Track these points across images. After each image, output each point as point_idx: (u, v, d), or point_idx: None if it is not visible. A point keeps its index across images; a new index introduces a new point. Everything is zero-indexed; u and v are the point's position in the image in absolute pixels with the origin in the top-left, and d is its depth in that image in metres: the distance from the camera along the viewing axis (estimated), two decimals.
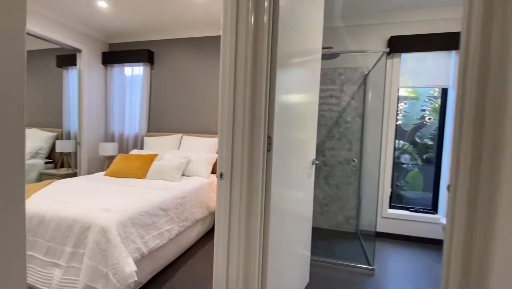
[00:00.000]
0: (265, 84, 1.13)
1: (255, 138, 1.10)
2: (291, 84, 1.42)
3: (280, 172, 1.29)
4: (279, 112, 1.23)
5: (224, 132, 1.11)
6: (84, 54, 3.62)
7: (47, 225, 1.59)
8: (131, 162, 2.77)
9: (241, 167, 1.09)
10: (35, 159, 3.77)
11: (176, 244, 2.16)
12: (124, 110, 3.86)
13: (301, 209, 1.73)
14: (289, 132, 1.42)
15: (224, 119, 1.13)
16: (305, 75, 1.63)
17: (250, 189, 1.13)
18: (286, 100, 1.34)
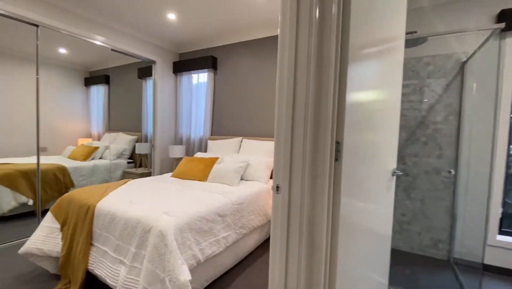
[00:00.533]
0: (333, 81, 0.90)
1: (320, 144, 0.88)
2: (366, 79, 1.14)
3: (351, 185, 1.03)
4: (350, 114, 0.98)
5: (281, 139, 0.93)
6: (158, 65, 3.98)
7: (117, 224, 1.70)
8: (195, 165, 2.86)
9: (302, 178, 0.89)
10: (120, 159, 4.32)
11: (232, 252, 2.08)
12: (191, 115, 4.09)
13: (377, 229, 1.40)
14: (363, 137, 1.14)
15: (282, 123, 0.95)
16: (383, 67, 1.31)
17: (313, 205, 0.91)
18: (360, 99, 1.08)
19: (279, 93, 0.96)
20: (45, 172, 3.02)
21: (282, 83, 0.96)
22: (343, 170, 0.94)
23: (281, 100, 0.96)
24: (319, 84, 0.91)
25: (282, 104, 0.95)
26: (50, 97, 3.21)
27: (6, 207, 2.74)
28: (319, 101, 0.91)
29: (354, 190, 1.06)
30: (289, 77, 0.94)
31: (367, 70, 1.14)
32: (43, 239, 1.91)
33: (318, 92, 0.91)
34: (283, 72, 0.95)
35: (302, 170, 0.88)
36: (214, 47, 3.88)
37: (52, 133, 3.33)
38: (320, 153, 0.88)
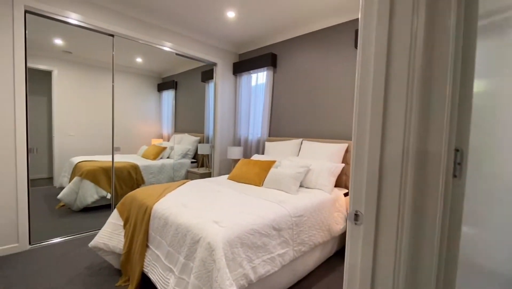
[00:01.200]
0: (450, 67, 0.56)
1: (429, 154, 0.56)
2: (500, 61, 0.74)
3: (477, 214, 0.65)
4: (478, 111, 0.61)
5: (363, 146, 0.63)
6: (219, 67, 4.01)
7: (169, 228, 1.64)
8: (251, 168, 2.70)
9: (400, 205, 0.57)
10: (185, 159, 4.54)
11: (290, 271, 1.81)
12: (249, 116, 3.98)
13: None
14: (491, 144, 0.74)
15: (364, 126, 0.65)
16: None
17: (416, 245, 0.58)
18: (493, 89, 0.69)
19: (360, 89, 0.67)
20: (121, 169, 3.31)
21: (365, 76, 0.66)
22: (467, 191, 0.59)
23: (363, 99, 0.66)
24: (429, 73, 0.59)
25: (365, 103, 0.65)
26: (128, 102, 3.53)
27: (90, 199, 3.09)
28: (430, 93, 0.58)
29: (482, 219, 0.68)
30: (378, 68, 0.64)
31: (502, 47, 0.74)
32: (109, 235, 2.01)
33: (426, 83, 0.59)
34: (368, 64, 0.65)
35: (399, 192, 0.57)
36: (273, 44, 3.68)
37: (128, 134, 3.65)
38: (430, 167, 0.55)
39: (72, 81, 2.94)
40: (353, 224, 0.63)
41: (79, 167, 3.08)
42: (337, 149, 2.69)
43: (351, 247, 0.64)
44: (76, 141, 3.04)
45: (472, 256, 0.69)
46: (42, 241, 2.53)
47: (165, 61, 4.81)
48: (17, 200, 2.33)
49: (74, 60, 2.93)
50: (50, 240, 2.58)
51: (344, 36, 2.88)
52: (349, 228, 0.65)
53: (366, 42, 0.68)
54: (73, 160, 3.08)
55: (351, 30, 2.81)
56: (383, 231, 0.59)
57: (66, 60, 2.86)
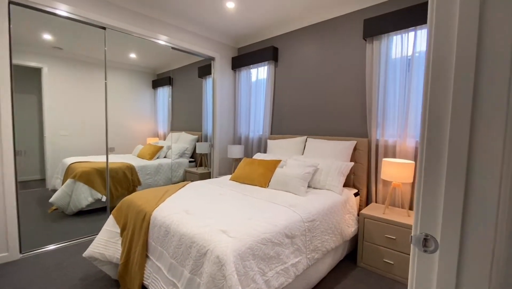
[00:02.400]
0: None
1: None
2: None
3: None
4: None
5: (434, 146, 0.48)
6: (217, 61, 3.82)
7: (171, 238, 1.48)
8: (254, 168, 2.55)
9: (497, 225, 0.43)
10: (182, 158, 4.36)
11: (302, 281, 1.68)
12: (250, 113, 3.82)
13: None
14: None
15: (439, 123, 0.50)
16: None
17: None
18: None
19: (434, 69, 0.52)
20: (116, 170, 3.13)
21: (440, 63, 0.51)
22: None
23: (439, 83, 0.52)
24: None
25: (444, 90, 0.50)
26: (122, 100, 3.33)
27: (85, 202, 2.91)
28: None
29: None
30: (463, 53, 0.49)
31: None
32: (105, 243, 1.85)
33: None
34: (441, 51, 0.50)
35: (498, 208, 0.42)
36: (274, 37, 3.51)
37: (122, 133, 3.46)
38: None
39: (63, 79, 2.74)
40: (422, 250, 0.49)
41: (72, 168, 2.89)
42: (345, 146, 2.56)
43: (417, 280, 0.50)
44: (69, 141, 2.85)
45: None
46: (34, 249, 2.36)
47: (160, 56, 4.61)
48: (5, 205, 2.15)
49: (64, 57, 2.73)
50: (42, 247, 2.41)
51: (351, 27, 2.73)
52: (416, 256, 0.51)
53: (438, 29, 0.52)
54: (66, 161, 2.89)
55: (359, 20, 2.65)
56: (470, 261, 0.45)
57: (56, 57, 2.66)
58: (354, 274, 2.08)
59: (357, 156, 2.58)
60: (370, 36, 2.47)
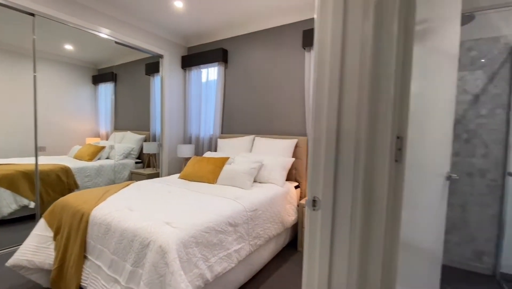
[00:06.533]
0: (394, 66, 0.63)
1: (378, 142, 0.61)
2: (428, 63, 0.87)
3: (413, 194, 0.74)
4: (414, 105, 0.70)
5: (320, 137, 0.65)
6: (166, 59, 3.76)
7: (112, 235, 1.47)
8: (203, 165, 2.61)
9: (354, 188, 0.61)
10: (128, 159, 4.15)
11: (246, 266, 1.82)
12: (200, 112, 3.85)
13: (432, 246, 1.11)
14: (425, 134, 0.86)
15: (321, 121, 0.67)
16: (442, 50, 1.02)
17: (369, 226, 0.63)
18: (422, 88, 0.80)
19: (318, 87, 0.69)
20: (47, 172, 2.85)
21: (321, 75, 0.69)
22: (406, 174, 0.66)
23: (319, 96, 0.69)
24: (377, 72, 0.64)
25: (321, 99, 0.68)
26: (55, 96, 3.05)
27: (6, 210, 2.58)
28: (378, 90, 0.63)
29: (415, 201, 0.77)
30: (333, 68, 0.67)
31: (430, 51, 0.86)
32: (34, 249, 1.71)
33: (375, 81, 0.64)
34: (324, 64, 0.68)
35: (354, 176, 0.60)
36: (224, 39, 3.62)
37: (56, 132, 3.17)
38: (379, 153, 0.60)
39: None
40: (312, 209, 0.66)
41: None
42: (287, 144, 2.80)
43: (310, 230, 0.66)
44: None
45: (409, 237, 0.78)
46: None
47: (101, 50, 4.31)
48: None
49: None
50: None
51: (292, 36, 3.00)
52: (308, 214, 0.67)
53: (320, 41, 0.70)
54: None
55: (299, 30, 2.94)
56: (340, 214, 0.63)
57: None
58: (294, 258, 2.31)
59: (298, 153, 2.84)
60: (308, 46, 2.76)
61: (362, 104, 0.63)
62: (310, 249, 0.67)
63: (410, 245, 0.83)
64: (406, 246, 0.77)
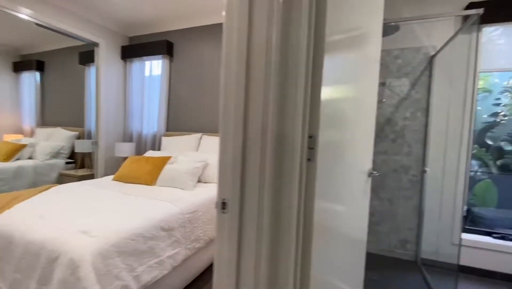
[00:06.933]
0: (304, 74, 0.62)
1: (287, 141, 0.58)
2: (343, 70, 0.90)
3: (326, 191, 0.75)
4: (325, 108, 0.71)
5: (227, 136, 0.61)
6: (102, 48, 3.39)
7: (14, 250, 1.23)
8: (141, 165, 2.41)
9: (260, 188, 0.58)
10: (57, 159, 3.64)
11: (184, 271, 1.72)
12: (143, 108, 3.57)
13: (354, 238, 1.17)
14: (339, 135, 0.88)
15: (229, 115, 0.63)
16: (359, 59, 1.08)
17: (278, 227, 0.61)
18: (335, 92, 0.82)
19: (225, 91, 0.64)
20: None
21: (228, 81, 0.64)
22: (318, 172, 0.66)
23: (228, 88, 0.64)
24: (285, 80, 0.62)
25: (229, 105, 0.64)
26: None
27: None
28: (285, 97, 0.61)
29: (333, 196, 0.79)
30: (239, 74, 0.63)
31: (344, 61, 0.89)
32: None
33: (284, 88, 0.62)
34: (230, 70, 0.64)
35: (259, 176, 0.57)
36: (170, 31, 3.41)
37: None
38: (288, 153, 0.58)
39: None
40: (221, 212, 0.61)
41: None
42: None
43: (219, 237, 0.61)
44: None
45: (325, 221, 0.79)
46: None
47: (22, 34, 3.71)
48: None
49: None
50: None
51: None
52: (217, 217, 0.62)
53: (228, 46, 0.66)
54: None
55: None
56: (248, 215, 0.59)
57: None
58: None
59: None
60: None
61: (268, 104, 0.61)
62: (220, 256, 0.63)
63: (328, 237, 0.84)
64: (323, 239, 0.78)
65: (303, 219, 0.63)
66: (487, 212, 3.11)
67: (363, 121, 1.18)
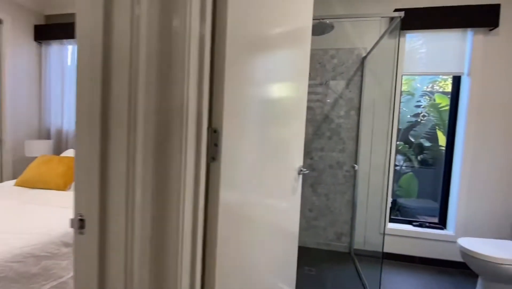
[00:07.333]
0: (197, 64, 0.49)
1: (173, 137, 0.46)
2: (263, 71, 0.81)
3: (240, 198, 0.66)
4: (237, 103, 0.61)
5: (83, 137, 0.46)
6: (7, 26, 2.79)
7: None
8: (53, 167, 2.03)
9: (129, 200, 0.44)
10: None
11: None
12: (63, 100, 3.06)
13: (288, 232, 1.11)
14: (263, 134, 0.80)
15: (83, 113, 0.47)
16: (288, 54, 1.02)
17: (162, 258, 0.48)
18: (256, 92, 0.73)
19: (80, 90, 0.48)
20: None
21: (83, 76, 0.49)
22: (223, 173, 0.55)
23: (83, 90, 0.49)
24: (168, 65, 0.49)
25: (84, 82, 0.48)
26: None
27: None
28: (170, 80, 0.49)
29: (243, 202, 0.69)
30: (94, 57, 0.48)
31: (264, 54, 0.80)
32: None
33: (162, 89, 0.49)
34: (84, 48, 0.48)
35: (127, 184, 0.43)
36: None
37: None
38: (175, 149, 0.45)
39: None
40: (78, 233, 0.46)
41: None
42: None
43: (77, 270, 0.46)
44: None
45: (237, 212, 0.69)
46: None
47: None
48: None
49: None
50: None
51: None
52: (75, 239, 0.47)
53: (81, 37, 0.50)
54: None
55: None
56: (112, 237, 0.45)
57: None
58: None
59: None
60: None
61: (136, 93, 0.47)
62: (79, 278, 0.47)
63: (243, 218, 0.75)
64: (235, 220, 0.68)
65: (201, 236, 0.51)
66: (410, 202, 3.49)
67: (292, 119, 1.12)
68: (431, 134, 3.53)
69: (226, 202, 0.60)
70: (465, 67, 2.24)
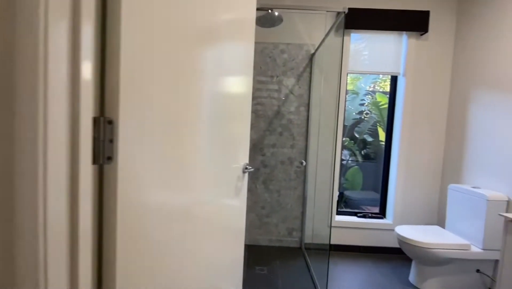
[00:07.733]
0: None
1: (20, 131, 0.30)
2: (190, 57, 0.68)
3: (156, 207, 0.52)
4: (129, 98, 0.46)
5: None
6: None
7: None
8: None
9: None
10: None
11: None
12: None
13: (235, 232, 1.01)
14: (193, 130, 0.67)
15: None
16: (224, 46, 0.91)
17: None
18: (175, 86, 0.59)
19: None
20: None
21: None
22: (123, 176, 0.41)
23: None
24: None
25: None
26: None
27: None
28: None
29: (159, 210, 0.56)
30: None
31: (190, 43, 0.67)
32: None
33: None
34: None
35: None
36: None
37: None
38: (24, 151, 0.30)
39: None
40: None
41: None
42: None
43: None
44: None
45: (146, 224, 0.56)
46: None
47: None
48: None
49: None
50: None
51: None
52: None
53: None
54: None
55: None
56: None
57: None
58: None
59: None
60: None
61: None
62: None
63: (148, 207, 0.62)
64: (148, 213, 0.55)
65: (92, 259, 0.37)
66: (355, 194, 3.71)
67: (233, 115, 1.02)
68: (373, 131, 3.80)
69: (130, 212, 0.47)
70: (401, 68, 2.42)
